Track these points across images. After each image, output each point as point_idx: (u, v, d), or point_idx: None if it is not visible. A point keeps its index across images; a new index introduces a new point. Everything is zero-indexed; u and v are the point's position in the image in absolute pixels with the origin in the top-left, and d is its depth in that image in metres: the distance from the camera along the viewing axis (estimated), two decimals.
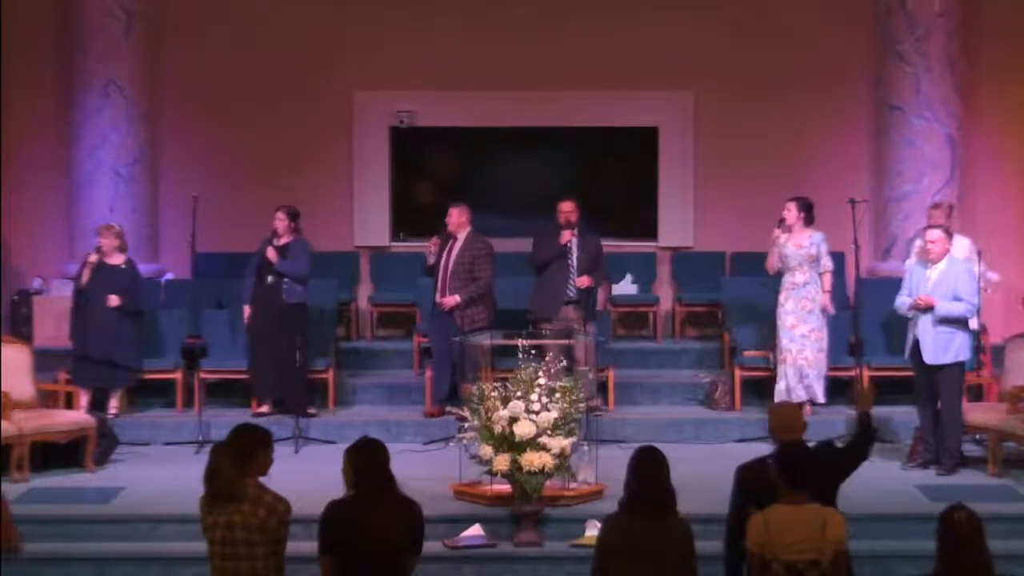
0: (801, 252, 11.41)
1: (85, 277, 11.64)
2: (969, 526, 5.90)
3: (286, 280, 11.66)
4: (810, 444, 7.44)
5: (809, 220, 11.50)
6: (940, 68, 13.28)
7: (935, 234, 10.24)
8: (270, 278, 11.67)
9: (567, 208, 11.91)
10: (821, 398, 11.37)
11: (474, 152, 14.52)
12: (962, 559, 5.89)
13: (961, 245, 11.22)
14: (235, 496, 6.11)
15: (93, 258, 11.68)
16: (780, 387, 11.38)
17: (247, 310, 11.81)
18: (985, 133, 13.74)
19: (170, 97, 13.95)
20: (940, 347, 10.10)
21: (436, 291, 11.76)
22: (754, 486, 6.71)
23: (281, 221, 11.80)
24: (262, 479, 6.23)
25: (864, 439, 7.46)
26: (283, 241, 11.79)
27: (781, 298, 11.47)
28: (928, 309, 10.07)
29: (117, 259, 11.75)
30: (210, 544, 6.23)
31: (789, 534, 6.15)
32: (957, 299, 10.09)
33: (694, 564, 6.29)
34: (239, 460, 6.17)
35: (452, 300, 11.54)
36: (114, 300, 11.57)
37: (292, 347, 11.39)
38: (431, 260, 11.75)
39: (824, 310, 11.42)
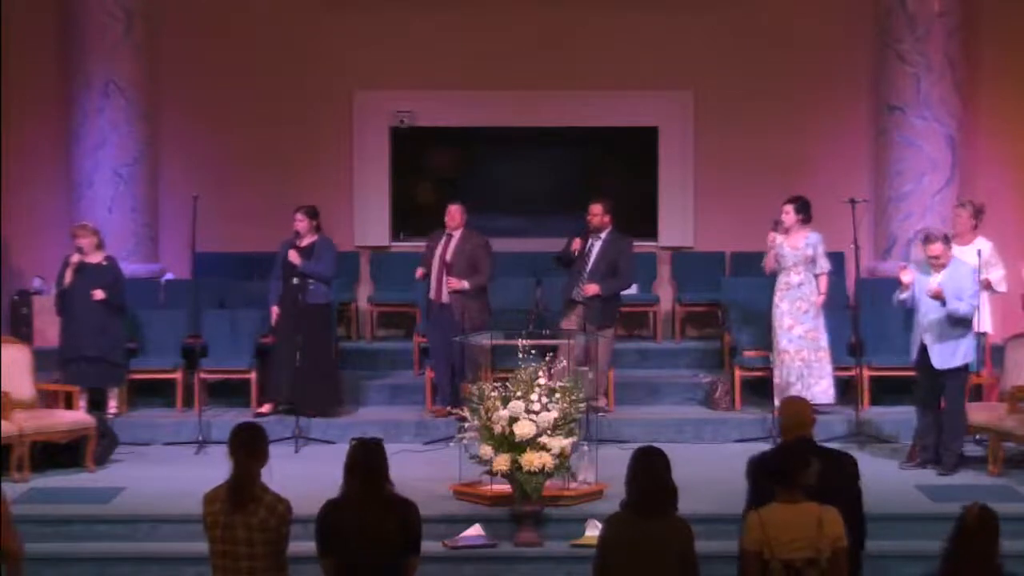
0: (797, 253, 11.38)
1: (68, 278, 11.58)
2: (979, 521, 5.85)
3: (311, 281, 11.61)
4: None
5: (806, 220, 11.47)
6: (940, 68, 13.28)
7: (937, 248, 10.20)
8: (295, 280, 11.59)
9: (591, 210, 11.78)
10: (822, 399, 11.21)
11: (474, 152, 14.52)
12: (967, 555, 5.86)
13: (984, 248, 11.18)
14: (253, 497, 6.10)
15: (75, 259, 11.60)
16: (778, 387, 11.36)
17: (275, 311, 11.73)
18: (985, 133, 13.74)
19: (170, 97, 13.93)
20: (948, 352, 10.13)
21: (431, 288, 11.74)
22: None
23: (301, 222, 11.73)
24: (263, 480, 6.22)
25: None
26: (306, 242, 11.72)
27: (776, 299, 11.44)
28: (938, 298, 10.06)
29: (97, 257, 11.70)
30: (211, 542, 6.23)
31: (786, 533, 6.14)
32: (959, 300, 10.10)
33: (695, 563, 6.29)
34: (251, 458, 6.17)
35: (459, 284, 11.51)
36: (99, 294, 11.51)
37: (321, 348, 11.45)
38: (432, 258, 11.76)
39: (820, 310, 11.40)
